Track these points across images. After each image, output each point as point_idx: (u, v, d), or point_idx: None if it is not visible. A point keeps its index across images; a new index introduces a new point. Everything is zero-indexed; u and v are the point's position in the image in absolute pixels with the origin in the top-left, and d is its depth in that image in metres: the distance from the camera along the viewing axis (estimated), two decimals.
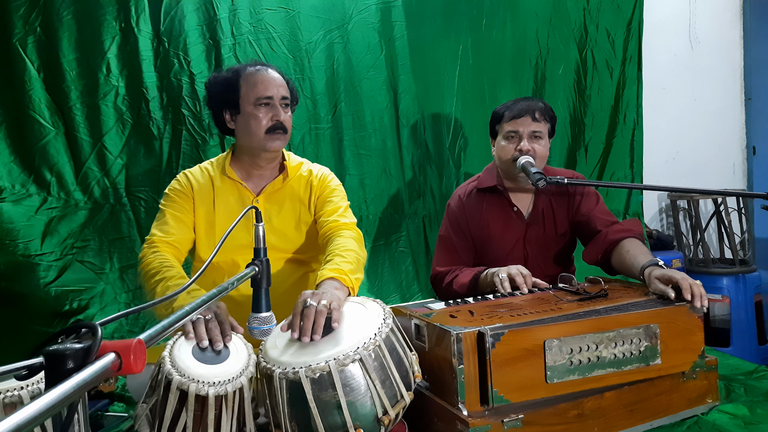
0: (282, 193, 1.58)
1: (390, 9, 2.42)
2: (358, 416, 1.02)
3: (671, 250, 3.14)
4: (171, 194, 1.54)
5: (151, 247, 1.44)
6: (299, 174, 1.60)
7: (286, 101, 1.53)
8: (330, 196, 1.58)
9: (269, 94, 1.49)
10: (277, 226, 1.56)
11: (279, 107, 1.50)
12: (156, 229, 1.48)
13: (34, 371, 0.55)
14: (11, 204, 1.90)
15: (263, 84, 1.49)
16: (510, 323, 1.12)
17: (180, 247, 1.48)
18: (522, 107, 1.71)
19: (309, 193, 1.59)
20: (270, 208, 1.56)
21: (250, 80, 1.50)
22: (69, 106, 1.98)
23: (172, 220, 1.49)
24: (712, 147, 3.50)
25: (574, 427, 1.13)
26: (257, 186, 1.58)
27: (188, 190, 1.53)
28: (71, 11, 1.97)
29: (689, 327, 1.26)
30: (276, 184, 1.57)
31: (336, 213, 1.53)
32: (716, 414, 1.25)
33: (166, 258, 1.40)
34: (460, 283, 1.66)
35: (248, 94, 1.49)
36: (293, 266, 1.60)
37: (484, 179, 1.83)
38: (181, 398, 1.00)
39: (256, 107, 1.49)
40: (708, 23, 3.44)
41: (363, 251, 1.46)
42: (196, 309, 0.73)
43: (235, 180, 1.55)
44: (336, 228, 1.49)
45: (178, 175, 1.58)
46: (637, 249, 1.53)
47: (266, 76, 1.51)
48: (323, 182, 1.60)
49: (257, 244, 1.01)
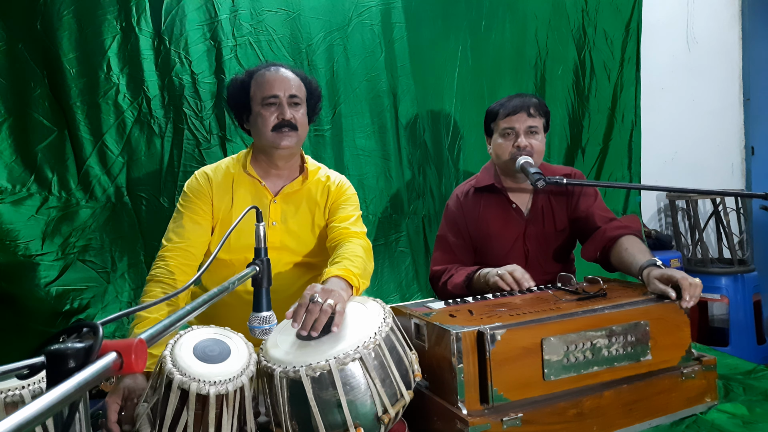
0: (299, 195, 1.59)
1: (390, 11, 2.43)
2: (358, 415, 1.02)
3: (670, 249, 3.14)
4: (189, 194, 1.53)
5: (161, 258, 1.45)
6: (317, 178, 1.62)
7: (295, 99, 1.53)
8: (344, 204, 1.59)
9: (274, 93, 1.50)
10: (292, 227, 1.56)
11: (285, 105, 1.51)
12: (172, 233, 1.49)
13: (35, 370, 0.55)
14: (12, 203, 1.90)
15: (269, 83, 1.51)
16: (509, 322, 1.13)
17: (194, 251, 1.48)
18: (517, 103, 1.71)
19: (326, 198, 1.60)
20: (287, 209, 1.57)
21: (258, 80, 1.53)
22: (70, 104, 1.98)
23: (189, 224, 1.49)
24: (710, 147, 3.50)
25: (573, 426, 1.13)
26: (275, 186, 1.58)
27: (207, 188, 1.53)
28: (71, 10, 1.97)
29: (677, 323, 1.27)
30: (294, 186, 1.58)
31: (348, 221, 1.54)
32: (715, 413, 1.25)
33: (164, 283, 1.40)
34: (453, 283, 1.67)
35: (256, 94, 1.52)
36: (302, 270, 1.60)
37: (481, 178, 1.83)
38: (182, 397, 1.00)
39: (263, 106, 1.50)
40: (706, 24, 3.45)
41: (371, 262, 1.47)
42: (197, 309, 0.74)
43: (255, 177, 1.56)
44: (346, 235, 1.50)
45: (197, 172, 1.58)
46: (636, 247, 1.53)
47: (274, 75, 1.52)
48: (340, 189, 1.61)
49: (258, 243, 1.01)
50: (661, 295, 1.30)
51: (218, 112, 2.16)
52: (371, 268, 1.46)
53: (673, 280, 1.30)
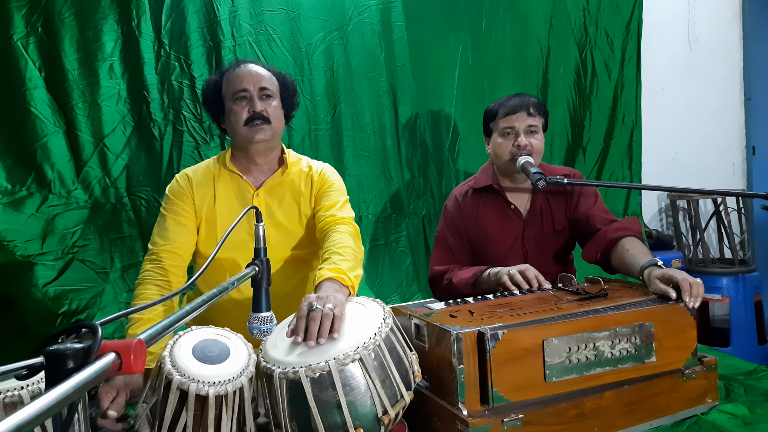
0: (282, 186, 1.59)
1: (390, 10, 2.42)
2: (358, 416, 1.02)
3: (671, 250, 3.14)
4: (171, 196, 1.53)
5: (149, 260, 1.45)
6: (299, 169, 1.61)
7: (266, 92, 1.53)
8: (329, 191, 1.58)
9: (243, 87, 1.51)
10: (279, 219, 1.56)
11: (256, 98, 1.51)
12: (157, 237, 1.49)
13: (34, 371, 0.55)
14: (11, 203, 1.90)
15: (238, 78, 1.52)
16: (510, 323, 1.12)
17: (181, 253, 1.48)
18: (516, 103, 1.70)
19: (310, 187, 1.60)
20: (271, 202, 1.57)
21: (228, 78, 1.54)
22: (71, 105, 1.99)
23: (173, 225, 1.49)
24: (711, 147, 3.50)
25: (574, 426, 1.13)
26: (257, 180, 1.58)
27: (188, 189, 1.53)
28: (72, 12, 1.97)
29: (683, 325, 1.26)
30: (276, 178, 1.58)
31: (333, 207, 1.53)
32: (716, 414, 1.25)
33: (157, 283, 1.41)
34: (459, 277, 1.66)
35: (227, 90, 1.53)
36: (294, 267, 1.60)
37: (480, 179, 1.83)
38: (181, 398, 1.00)
39: (234, 102, 1.51)
40: (707, 23, 3.45)
41: (360, 246, 1.46)
42: (197, 309, 0.73)
43: (236, 173, 1.56)
44: (332, 222, 1.49)
45: (177, 175, 1.58)
46: (637, 248, 1.53)
47: (242, 70, 1.53)
48: (323, 177, 1.61)
49: (257, 244, 1.01)
50: (663, 296, 1.30)
51: None
52: (362, 253, 1.46)
53: (673, 281, 1.30)
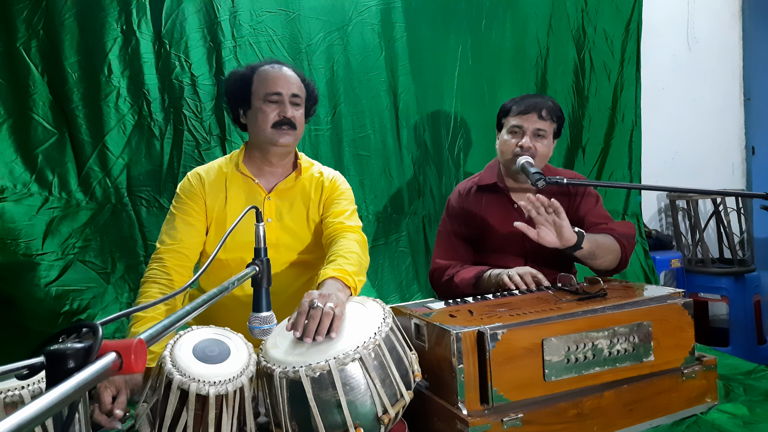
0: (293, 191, 1.59)
1: (390, 10, 2.43)
2: (358, 415, 1.02)
3: (670, 250, 3.14)
4: (182, 195, 1.53)
5: (155, 260, 1.45)
6: (311, 174, 1.62)
7: (296, 99, 1.54)
8: (338, 199, 1.59)
9: (278, 90, 1.50)
10: (288, 223, 1.57)
11: (287, 104, 1.51)
12: (165, 235, 1.49)
13: (35, 371, 0.55)
14: (13, 203, 1.90)
15: (273, 80, 1.51)
16: (509, 322, 1.12)
17: (188, 253, 1.48)
18: (530, 103, 1.70)
19: (320, 193, 1.60)
20: (281, 206, 1.57)
21: (262, 76, 1.53)
22: (71, 107, 1.99)
23: (182, 225, 1.49)
24: (711, 147, 3.50)
25: (574, 426, 1.13)
26: (269, 183, 1.58)
27: (199, 189, 1.53)
28: (73, 14, 1.97)
29: (681, 324, 1.27)
30: (288, 182, 1.58)
31: (342, 215, 1.54)
32: (715, 413, 1.25)
33: (161, 283, 1.41)
34: (461, 277, 1.66)
35: (258, 89, 1.52)
36: (299, 270, 1.60)
37: (484, 176, 1.83)
38: (181, 398, 1.00)
39: (265, 102, 1.51)
40: (707, 24, 3.45)
41: (366, 256, 1.47)
42: (197, 308, 0.73)
43: (248, 176, 1.56)
44: (341, 230, 1.50)
45: (189, 174, 1.58)
46: (599, 236, 1.57)
47: (278, 73, 1.53)
48: (333, 184, 1.61)
49: (257, 243, 1.01)
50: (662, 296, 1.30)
51: (218, 114, 2.16)
52: (367, 263, 1.46)
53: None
